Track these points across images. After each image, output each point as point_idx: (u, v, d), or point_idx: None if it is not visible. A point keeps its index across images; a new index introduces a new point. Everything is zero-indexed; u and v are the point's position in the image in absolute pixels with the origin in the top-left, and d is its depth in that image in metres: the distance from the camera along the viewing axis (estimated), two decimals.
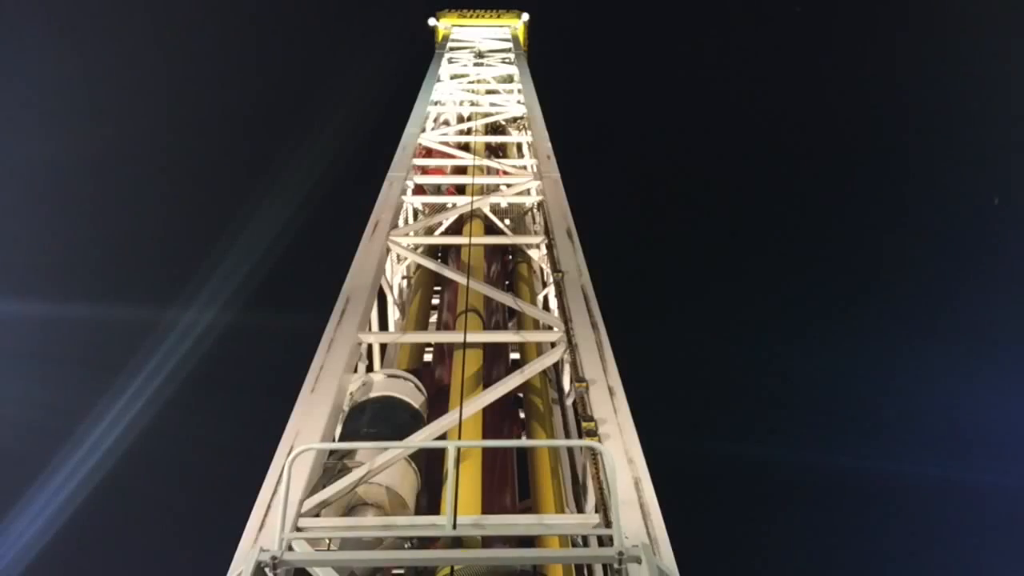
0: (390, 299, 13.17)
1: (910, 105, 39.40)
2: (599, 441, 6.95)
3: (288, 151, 37.52)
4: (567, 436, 9.57)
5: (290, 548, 5.80)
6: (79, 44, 35.18)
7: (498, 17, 28.39)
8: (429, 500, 8.01)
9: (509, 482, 8.44)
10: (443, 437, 7.54)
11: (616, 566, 5.63)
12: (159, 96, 37.67)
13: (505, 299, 11.02)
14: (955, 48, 38.73)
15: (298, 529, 6.21)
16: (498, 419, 9.10)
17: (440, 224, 14.56)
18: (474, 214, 13.77)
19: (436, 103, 19.73)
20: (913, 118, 39.10)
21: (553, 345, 9.38)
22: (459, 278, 11.14)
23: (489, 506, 7.50)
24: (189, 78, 38.78)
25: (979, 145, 36.46)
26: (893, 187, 38.41)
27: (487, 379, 9.26)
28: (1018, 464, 26.88)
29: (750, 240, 38.52)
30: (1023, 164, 35.62)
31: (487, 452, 8.15)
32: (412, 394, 8.54)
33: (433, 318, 13.63)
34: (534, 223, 15.73)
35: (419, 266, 12.86)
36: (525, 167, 16.15)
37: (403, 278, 14.60)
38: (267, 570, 5.56)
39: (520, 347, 11.47)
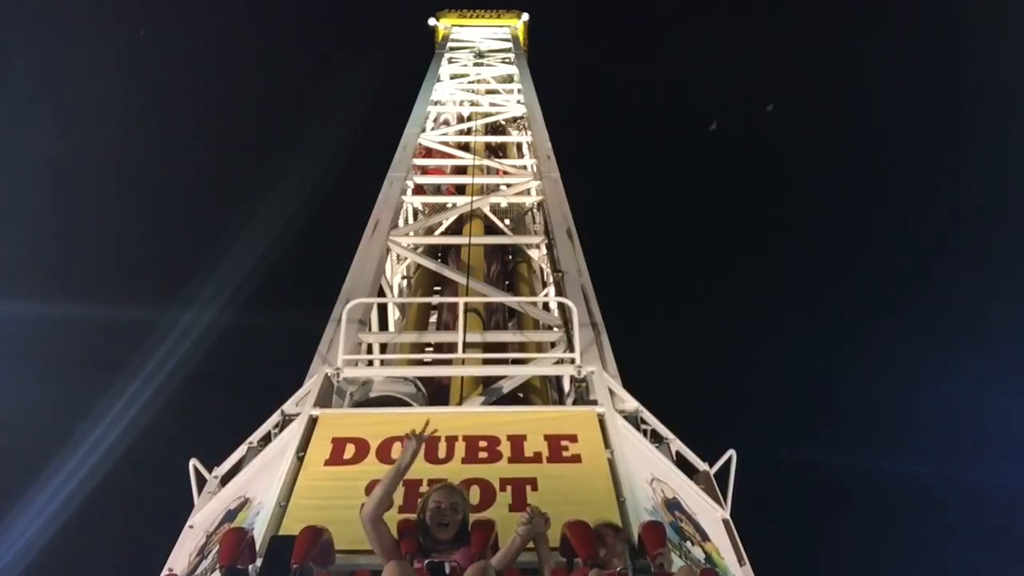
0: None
1: (911, 104, 39.43)
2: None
3: (288, 151, 37.53)
4: None
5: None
6: (79, 44, 35.20)
7: (498, 17, 28.41)
8: None
9: None
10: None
11: (577, 375, 7.87)
12: (159, 96, 37.66)
13: (505, 299, 11.01)
14: (957, 47, 38.77)
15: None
16: None
17: (440, 224, 14.52)
18: (474, 214, 13.76)
19: (436, 103, 19.71)
20: (914, 117, 39.12)
21: (553, 345, 9.38)
22: (459, 278, 11.13)
23: None
24: (189, 78, 38.82)
25: (980, 145, 36.47)
26: (894, 186, 38.41)
27: (487, 379, 9.24)
28: (1022, 465, 26.82)
29: (751, 239, 38.49)
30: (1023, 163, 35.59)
31: None
32: (412, 394, 8.52)
33: (433, 318, 13.62)
34: (534, 223, 15.71)
35: (419, 266, 12.85)
36: (525, 167, 16.14)
37: (403, 278, 14.57)
38: (333, 379, 7.65)
39: (520, 347, 11.46)
